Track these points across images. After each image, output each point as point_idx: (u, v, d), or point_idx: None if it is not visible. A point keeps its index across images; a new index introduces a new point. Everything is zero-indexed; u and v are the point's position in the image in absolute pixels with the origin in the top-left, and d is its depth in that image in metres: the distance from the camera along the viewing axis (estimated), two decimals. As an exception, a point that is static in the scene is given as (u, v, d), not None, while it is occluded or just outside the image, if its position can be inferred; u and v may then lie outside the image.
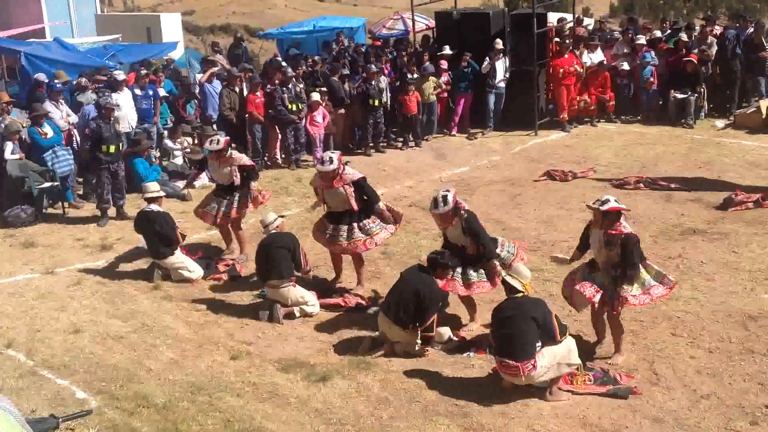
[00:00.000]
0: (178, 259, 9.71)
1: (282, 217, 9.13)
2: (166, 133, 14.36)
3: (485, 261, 8.11)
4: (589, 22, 21.53)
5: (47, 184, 11.89)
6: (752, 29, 17.11)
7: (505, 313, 7.03)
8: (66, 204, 12.38)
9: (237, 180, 10.11)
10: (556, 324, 6.93)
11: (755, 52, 16.56)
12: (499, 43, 16.13)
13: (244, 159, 10.35)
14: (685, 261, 9.80)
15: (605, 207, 7.30)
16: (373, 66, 15.69)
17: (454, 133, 16.51)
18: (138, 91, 14.09)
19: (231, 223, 10.40)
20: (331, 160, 8.99)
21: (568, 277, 7.92)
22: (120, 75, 14.01)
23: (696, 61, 16.25)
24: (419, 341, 7.78)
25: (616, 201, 7.39)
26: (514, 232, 11.00)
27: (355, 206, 9.01)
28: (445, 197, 8.05)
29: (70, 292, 9.42)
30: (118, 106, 12.67)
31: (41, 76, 14.04)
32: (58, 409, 6.80)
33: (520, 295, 7.05)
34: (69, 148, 12.65)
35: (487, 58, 16.02)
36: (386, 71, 16.28)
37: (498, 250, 8.28)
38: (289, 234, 9.02)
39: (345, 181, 8.99)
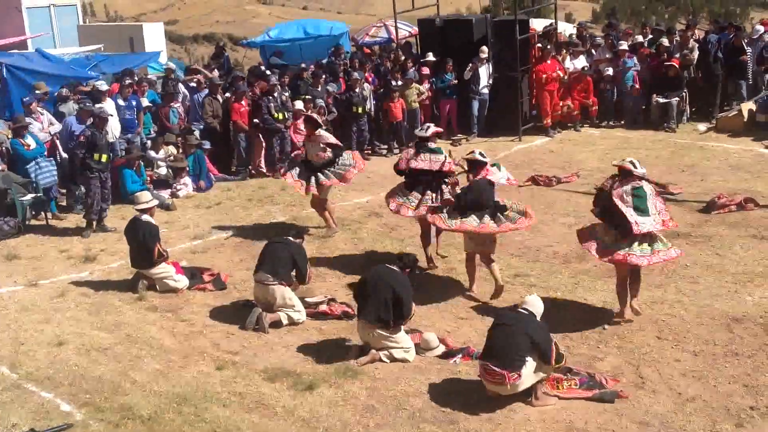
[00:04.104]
0: (163, 269, 9.65)
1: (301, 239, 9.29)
2: (149, 143, 14.30)
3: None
4: (564, 28, 21.53)
5: (30, 196, 11.82)
6: (733, 33, 17.25)
7: (504, 320, 7.11)
8: (49, 215, 12.30)
9: (327, 155, 11.12)
10: (554, 351, 6.97)
11: (736, 56, 16.69)
12: (484, 51, 16.21)
13: (331, 138, 11.40)
14: (670, 264, 9.83)
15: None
16: (356, 73, 15.72)
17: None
18: (121, 102, 14.04)
19: (318, 200, 11.33)
20: (428, 128, 10.20)
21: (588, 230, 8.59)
22: (103, 85, 13.94)
23: (678, 66, 16.38)
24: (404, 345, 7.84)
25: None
26: (500, 238, 11.00)
27: None
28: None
29: (53, 304, 9.35)
30: (111, 115, 12.63)
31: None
32: (42, 422, 6.76)
33: (527, 312, 7.10)
34: (52, 159, 12.58)
35: (470, 64, 16.10)
36: (370, 79, 16.31)
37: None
38: (298, 244, 9.03)
39: None
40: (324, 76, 15.91)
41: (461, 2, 43.76)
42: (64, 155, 12.93)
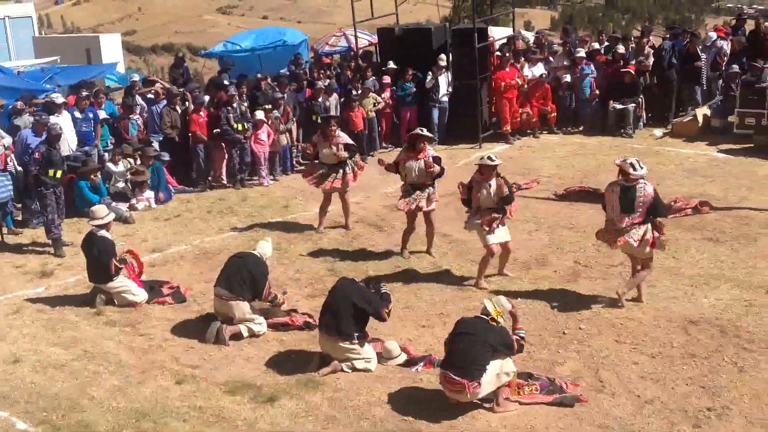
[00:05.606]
0: (121, 283, 9.52)
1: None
2: (107, 155, 14.12)
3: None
4: (524, 35, 21.77)
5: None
6: (688, 40, 17.55)
7: (465, 329, 7.11)
8: (5, 230, 12.08)
9: (343, 155, 11.56)
10: (516, 344, 7.10)
11: (691, 62, 16.99)
12: (442, 60, 16.31)
13: (348, 138, 11.96)
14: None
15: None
16: (319, 83, 15.70)
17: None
18: (77, 114, 13.85)
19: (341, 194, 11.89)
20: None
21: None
22: (58, 98, 13.74)
23: (634, 72, 16.62)
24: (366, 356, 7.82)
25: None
26: (461, 245, 11.08)
27: None
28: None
29: (9, 320, 9.17)
30: (62, 133, 12.45)
31: None
32: (-4, 442, 6.63)
33: (488, 318, 7.12)
34: (7, 173, 12.36)
35: (430, 74, 16.19)
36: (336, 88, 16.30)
37: None
38: (262, 262, 8.81)
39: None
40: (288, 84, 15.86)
41: (421, 11, 44.03)
42: (19, 168, 12.73)
